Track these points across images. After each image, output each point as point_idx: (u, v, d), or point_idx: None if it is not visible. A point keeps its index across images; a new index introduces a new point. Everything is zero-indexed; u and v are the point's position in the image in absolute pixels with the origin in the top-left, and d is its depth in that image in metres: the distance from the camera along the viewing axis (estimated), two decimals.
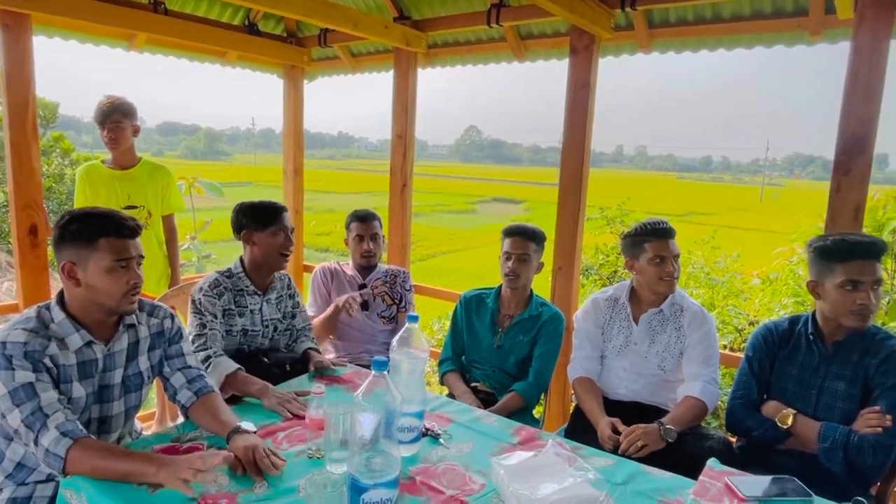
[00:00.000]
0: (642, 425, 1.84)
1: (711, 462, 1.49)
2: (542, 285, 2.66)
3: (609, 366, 2.19)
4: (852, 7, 2.10)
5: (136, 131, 2.76)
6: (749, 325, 3.80)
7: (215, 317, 2.01)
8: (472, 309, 2.43)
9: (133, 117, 2.74)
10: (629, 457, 1.70)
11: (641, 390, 2.12)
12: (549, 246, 2.59)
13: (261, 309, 2.14)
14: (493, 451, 1.55)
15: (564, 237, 2.80)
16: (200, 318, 1.98)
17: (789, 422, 1.78)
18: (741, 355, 2.01)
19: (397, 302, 2.73)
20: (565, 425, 2.23)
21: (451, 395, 2.27)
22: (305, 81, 3.93)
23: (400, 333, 1.52)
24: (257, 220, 2.09)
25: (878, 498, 1.76)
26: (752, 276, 4.37)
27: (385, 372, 1.22)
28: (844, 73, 2.05)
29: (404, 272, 2.82)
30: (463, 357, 2.46)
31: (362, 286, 2.69)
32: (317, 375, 2.05)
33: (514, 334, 2.31)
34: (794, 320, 1.93)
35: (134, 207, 2.73)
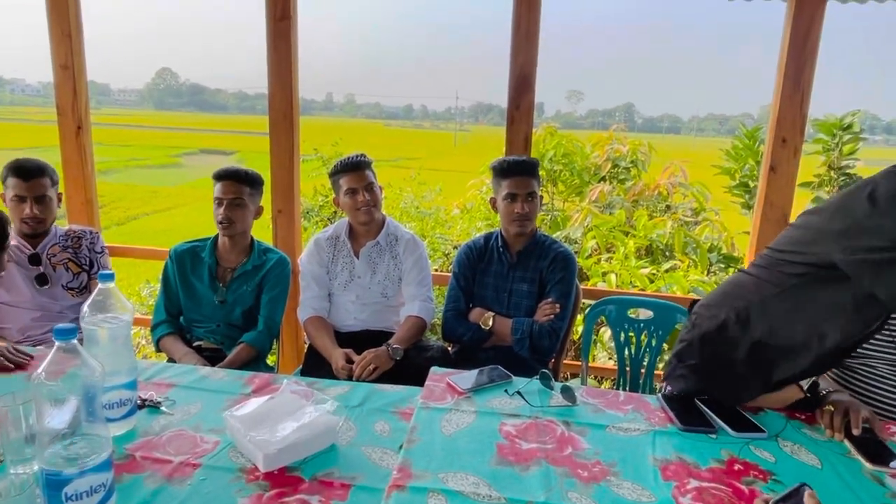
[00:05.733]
0: (373, 350, 1.95)
1: (434, 368, 1.66)
2: (263, 231, 2.55)
3: (337, 301, 2.24)
4: None
5: None
6: (454, 248, 4.32)
7: None
8: (185, 264, 2.20)
9: None
10: (365, 381, 1.80)
11: (369, 318, 2.23)
12: (267, 189, 2.48)
13: None
14: (225, 406, 1.46)
15: (281, 178, 2.70)
16: None
17: (490, 323, 2.10)
18: (450, 275, 2.26)
19: (87, 268, 2.31)
20: (300, 367, 2.23)
21: (171, 361, 2.05)
22: None
23: (91, 297, 1.28)
24: None
25: (554, 370, 2.23)
26: (453, 208, 4.94)
27: (73, 341, 1.02)
28: (511, 21, 2.37)
29: (91, 232, 2.37)
30: (181, 318, 2.23)
31: (34, 257, 2.20)
32: None
33: (238, 286, 2.18)
34: (487, 237, 2.24)
35: None
